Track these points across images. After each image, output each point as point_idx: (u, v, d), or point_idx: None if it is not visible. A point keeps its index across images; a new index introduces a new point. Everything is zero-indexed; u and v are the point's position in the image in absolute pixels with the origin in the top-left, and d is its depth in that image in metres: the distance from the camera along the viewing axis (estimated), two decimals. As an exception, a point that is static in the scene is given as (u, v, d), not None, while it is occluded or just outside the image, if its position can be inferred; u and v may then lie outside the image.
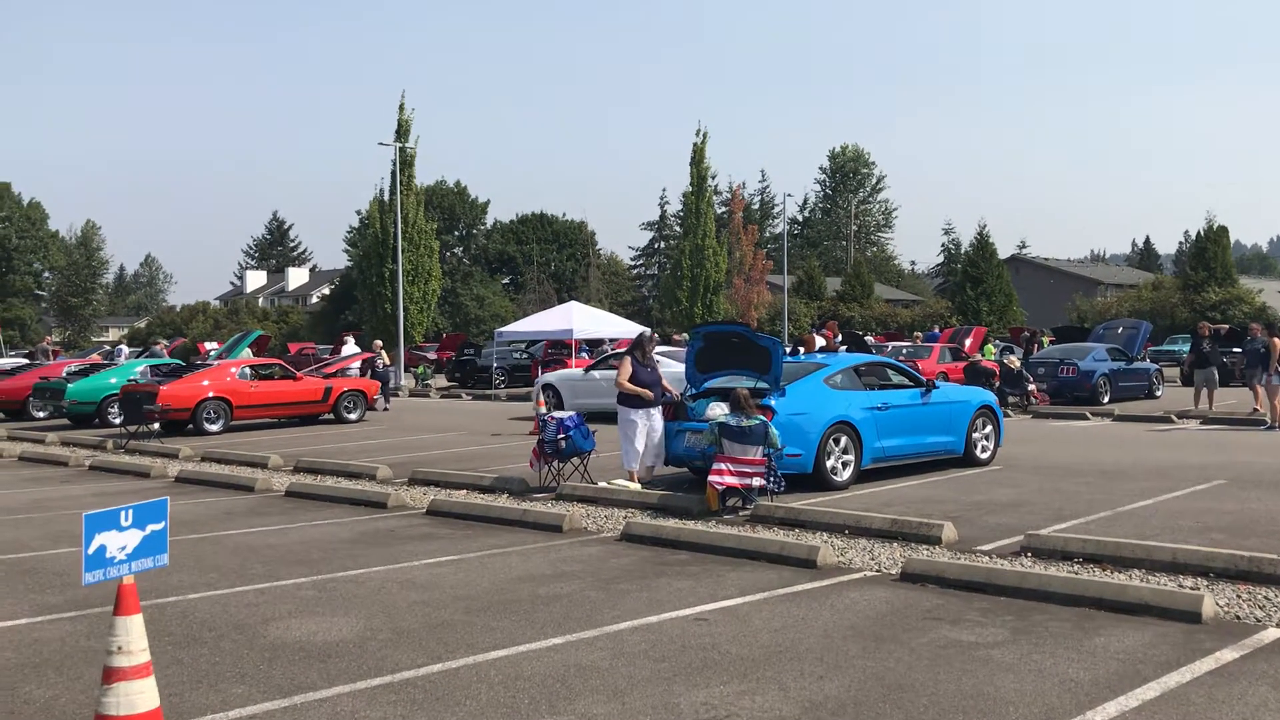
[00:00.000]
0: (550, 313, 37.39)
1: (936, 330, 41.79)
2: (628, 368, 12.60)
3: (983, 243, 61.90)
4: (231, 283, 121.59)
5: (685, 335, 32.31)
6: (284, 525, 11.15)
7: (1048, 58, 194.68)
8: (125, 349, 40.25)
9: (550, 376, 24.94)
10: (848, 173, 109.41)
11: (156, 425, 20.64)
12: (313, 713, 5.40)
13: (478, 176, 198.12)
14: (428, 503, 12.05)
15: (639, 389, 12.50)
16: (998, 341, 39.71)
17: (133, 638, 4.33)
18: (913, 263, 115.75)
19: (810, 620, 6.97)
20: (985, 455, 14.25)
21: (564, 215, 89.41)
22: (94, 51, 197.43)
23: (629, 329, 34.83)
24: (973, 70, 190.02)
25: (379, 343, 31.56)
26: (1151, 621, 6.75)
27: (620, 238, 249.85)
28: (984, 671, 5.85)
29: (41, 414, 25.80)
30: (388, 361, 30.39)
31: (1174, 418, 20.92)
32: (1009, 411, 22.14)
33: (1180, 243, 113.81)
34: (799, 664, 6.04)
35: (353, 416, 23.82)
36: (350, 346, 32.27)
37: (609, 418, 14.59)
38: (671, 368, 22.16)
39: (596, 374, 23.33)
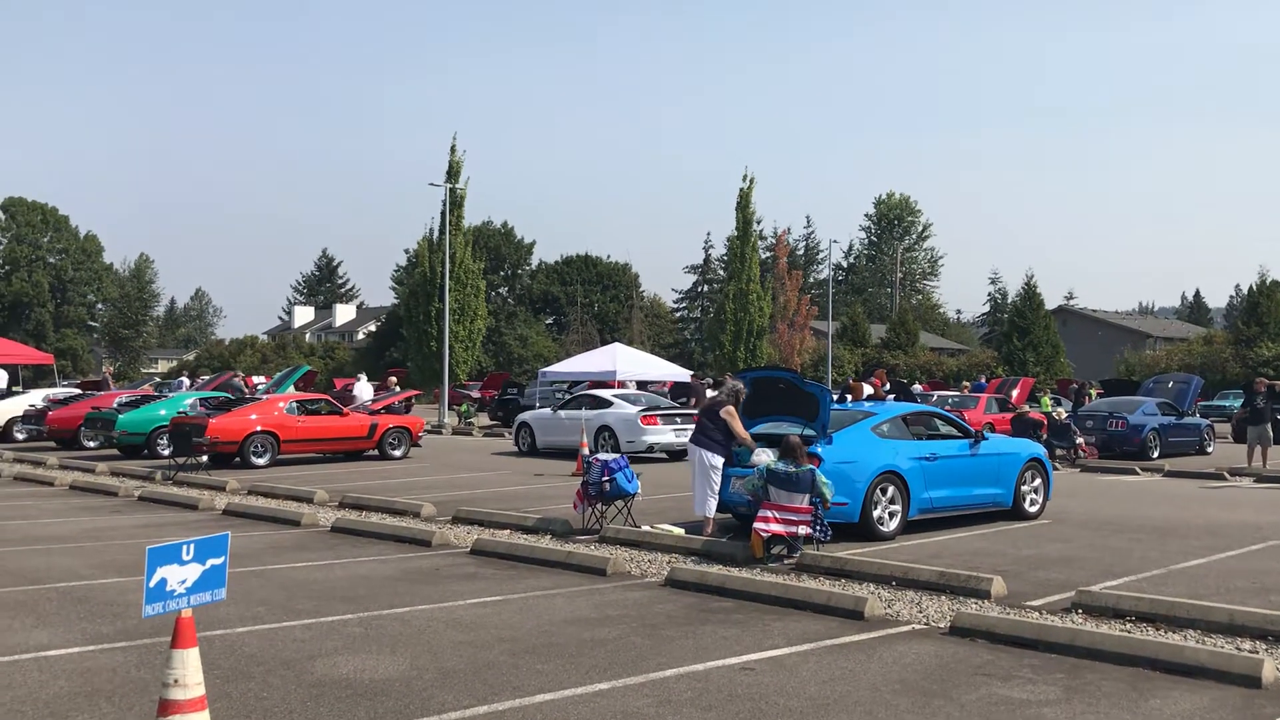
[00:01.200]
0: (594, 354, 37.51)
1: (983, 380, 41.44)
2: (737, 418, 12.43)
3: (1030, 293, 61.46)
4: (279, 318, 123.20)
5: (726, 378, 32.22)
6: (330, 561, 11.21)
7: (1097, 108, 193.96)
8: (186, 380, 40.58)
9: (526, 416, 26.52)
10: (893, 220, 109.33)
11: (204, 458, 20.88)
12: (360, 751, 5.41)
13: (524, 217, 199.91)
14: (472, 542, 12.08)
15: (749, 439, 12.31)
16: (1052, 395, 39.31)
17: (189, 671, 4.37)
18: (958, 311, 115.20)
19: (858, 673, 6.90)
20: (1034, 509, 14.08)
21: (608, 257, 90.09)
22: (151, 89, 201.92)
23: (672, 371, 34.88)
24: (1022, 119, 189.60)
25: (393, 379, 31.85)
26: (1209, 685, 6.61)
27: (664, 280, 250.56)
28: (1037, 731, 5.76)
29: (92, 444, 26.16)
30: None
31: (1226, 475, 20.56)
32: (1057, 464, 21.88)
33: (1231, 296, 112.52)
34: (848, 717, 5.97)
35: (397, 453, 23.96)
36: (363, 385, 32.59)
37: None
38: (624, 409, 23.75)
39: (563, 414, 24.81)
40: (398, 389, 30.47)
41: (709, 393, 27.68)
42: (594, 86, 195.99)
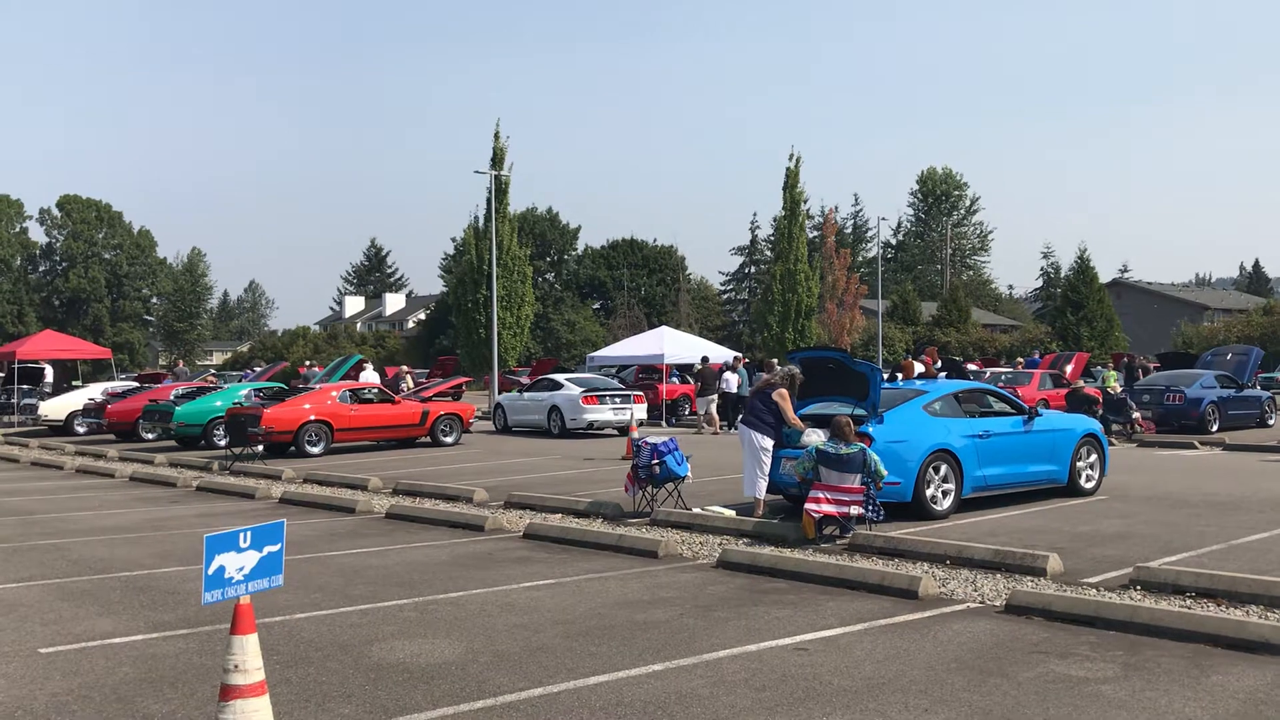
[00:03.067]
0: (642, 337, 37.53)
1: (1037, 356, 40.91)
2: (789, 404, 12.39)
3: (1083, 266, 60.58)
4: (331, 308, 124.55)
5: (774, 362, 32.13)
6: (385, 547, 11.33)
7: (1148, 76, 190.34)
8: (257, 370, 40.69)
9: (501, 398, 30.09)
10: (939, 195, 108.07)
11: (260, 447, 21.17)
12: (418, 734, 5.47)
13: (569, 203, 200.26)
14: (524, 526, 12.16)
15: (799, 422, 12.27)
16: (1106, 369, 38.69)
17: (249, 656, 4.44)
18: (1010, 287, 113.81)
19: (913, 652, 6.86)
20: (1090, 485, 13.90)
21: (654, 240, 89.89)
22: (197, 87, 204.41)
23: (719, 353, 34.78)
24: (1071, 89, 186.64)
25: (405, 366, 32.23)
26: (1272, 660, 6.50)
27: (711, 263, 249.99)
28: (1095, 708, 5.70)
29: (150, 435, 26.63)
30: (411, 386, 30.73)
31: (1288, 447, 20.17)
32: (1113, 440, 21.59)
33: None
34: (903, 696, 5.95)
35: (449, 440, 24.15)
36: (368, 374, 32.85)
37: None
38: (570, 391, 26.89)
39: (527, 396, 28.26)
40: (407, 378, 30.99)
41: (729, 375, 27.76)
42: (637, 69, 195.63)
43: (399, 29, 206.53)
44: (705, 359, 30.30)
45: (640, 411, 26.97)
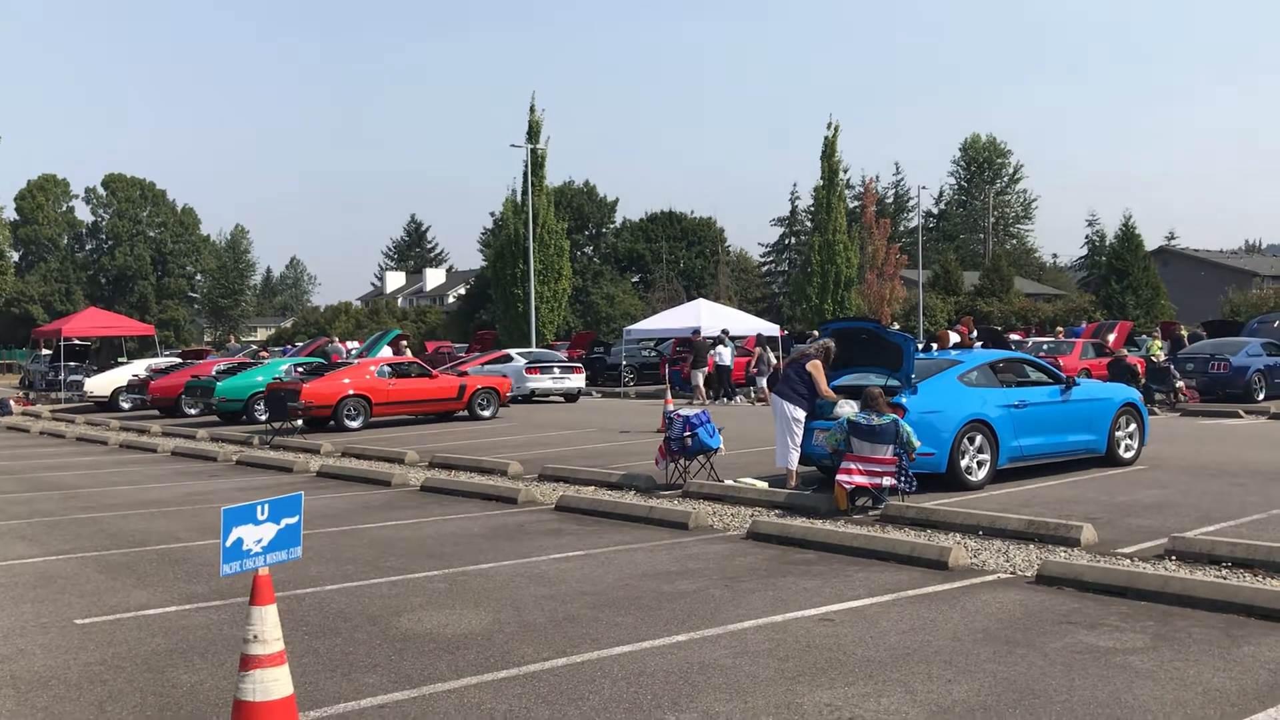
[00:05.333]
0: (678, 310, 37.45)
1: (1081, 326, 40.39)
2: (823, 376, 12.32)
3: (1128, 234, 59.59)
4: (372, 283, 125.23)
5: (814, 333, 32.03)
6: (418, 519, 11.42)
7: (1194, 39, 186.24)
8: (345, 344, 38.59)
9: (470, 369, 30.65)
10: (982, 163, 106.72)
11: (300, 421, 21.39)
12: (441, 703, 5.51)
13: (606, 175, 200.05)
14: (556, 499, 12.20)
15: (831, 394, 12.20)
16: (1148, 338, 38.16)
17: (267, 627, 4.47)
18: (1054, 255, 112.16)
19: (940, 622, 6.81)
20: (1129, 455, 13.73)
21: (692, 213, 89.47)
22: (238, 64, 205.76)
23: (758, 326, 34.67)
24: (1116, 55, 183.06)
25: (404, 341, 32.57)
26: (1307, 631, 6.39)
27: (750, 234, 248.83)
28: (1121, 678, 5.63)
29: (193, 411, 26.99)
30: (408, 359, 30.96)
31: (1336, 416, 19.81)
32: (1155, 409, 21.31)
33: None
34: (927, 667, 5.91)
35: (486, 413, 24.27)
36: (335, 345, 33.24)
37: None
38: (516, 363, 30.17)
39: (488, 367, 30.06)
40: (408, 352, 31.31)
41: (722, 350, 27.99)
42: (675, 41, 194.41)
43: (438, 4, 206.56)
44: (696, 331, 30.47)
45: (579, 381, 30.75)
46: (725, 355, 28.69)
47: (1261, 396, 23.68)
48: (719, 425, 13.24)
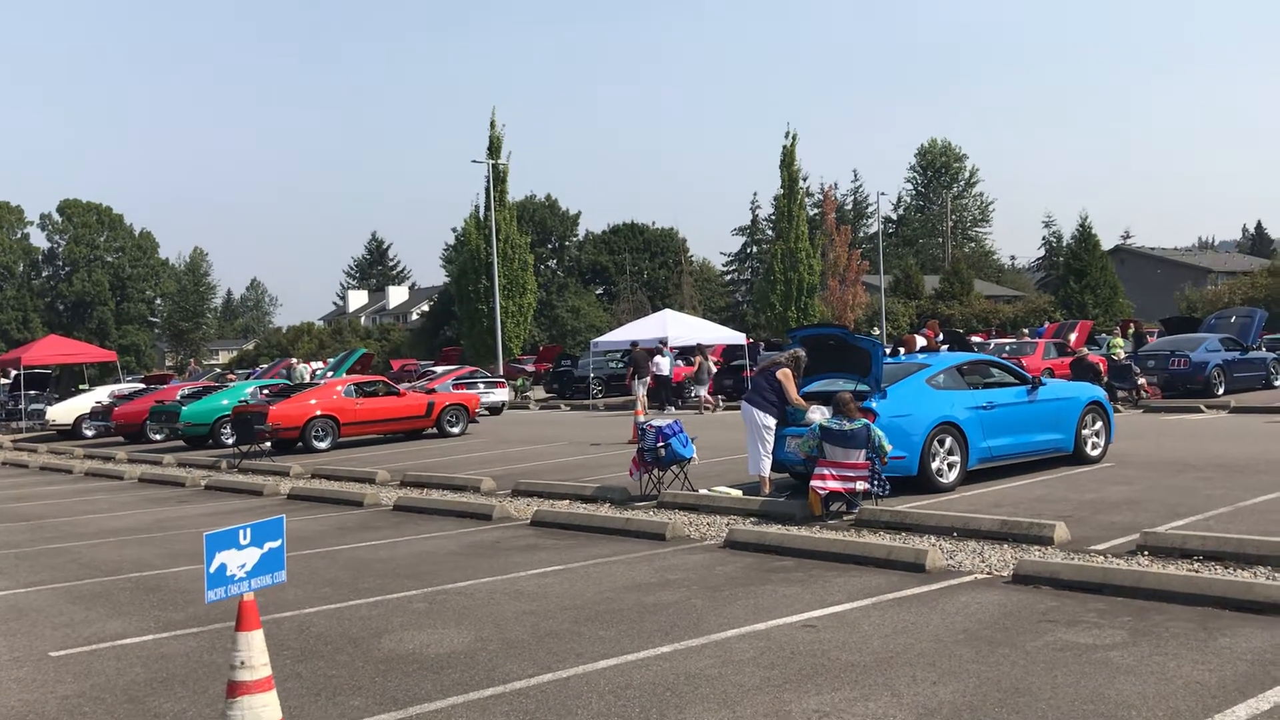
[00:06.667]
0: (644, 321, 37.48)
1: (1043, 327, 40.83)
2: (793, 384, 12.36)
3: (1085, 234, 60.45)
4: (334, 303, 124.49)
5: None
6: (393, 539, 11.36)
7: (1143, 39, 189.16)
8: (301, 365, 37.53)
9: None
10: (939, 168, 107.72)
11: (268, 444, 21.22)
12: (428, 724, 5.49)
13: (568, 189, 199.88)
14: (531, 514, 12.17)
15: (802, 401, 12.25)
16: (1108, 336, 38.59)
17: (254, 653, 4.45)
18: (1013, 257, 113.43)
19: (921, 625, 6.87)
20: (1096, 452, 13.89)
21: (654, 224, 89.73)
22: (194, 86, 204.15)
23: (723, 335, 34.78)
24: (1067, 56, 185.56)
25: (295, 359, 32.71)
26: (1280, 621, 6.50)
27: (712, 244, 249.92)
28: (1103, 674, 5.70)
29: (158, 436, 26.69)
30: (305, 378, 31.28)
31: (1295, 408, 20.12)
32: (1119, 406, 21.56)
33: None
34: (911, 669, 5.96)
35: (455, 430, 24.17)
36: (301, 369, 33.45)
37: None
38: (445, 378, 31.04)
39: (419, 384, 30.62)
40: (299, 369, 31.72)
41: (660, 360, 28.32)
42: (633, 51, 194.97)
43: (392, 18, 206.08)
44: (635, 343, 30.61)
45: (503, 395, 32.44)
46: (664, 365, 29.10)
47: (1221, 391, 24.02)
48: (692, 435, 13.26)
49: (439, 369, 36.35)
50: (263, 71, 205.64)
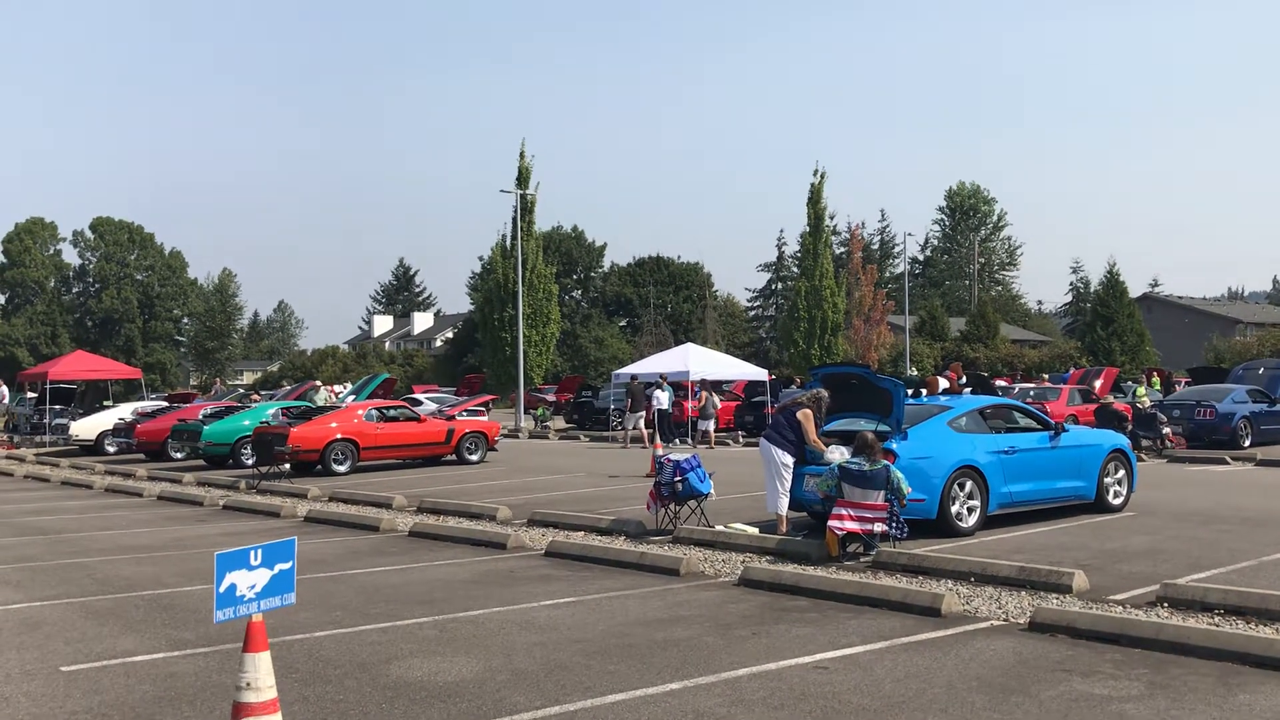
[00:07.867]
0: (667, 354, 37.43)
1: (1067, 373, 40.55)
2: (813, 425, 12.28)
3: (1113, 281, 60.08)
4: (359, 327, 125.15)
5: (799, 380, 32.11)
6: (407, 565, 11.34)
7: (1177, 88, 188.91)
8: (324, 388, 37.32)
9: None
10: (967, 210, 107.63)
11: (287, 466, 21.26)
12: (433, 753, 5.45)
13: (594, 221, 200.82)
14: (546, 544, 12.14)
15: (820, 444, 12.19)
16: (1134, 384, 38.31)
17: (261, 674, 4.43)
18: (1039, 302, 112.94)
19: (935, 670, 6.78)
20: (1118, 501, 13.74)
21: (680, 257, 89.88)
22: (231, 107, 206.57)
23: (745, 371, 34.73)
24: (1100, 103, 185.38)
25: (318, 382, 32.69)
26: (1301, 679, 6.38)
27: (737, 279, 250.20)
28: (1119, 728, 5.61)
29: (179, 455, 26.79)
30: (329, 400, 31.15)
31: (1322, 462, 19.87)
32: (1142, 455, 21.35)
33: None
34: (923, 715, 5.88)
35: (474, 458, 24.17)
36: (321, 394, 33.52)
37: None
38: (427, 406, 32.23)
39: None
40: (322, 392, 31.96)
41: (658, 394, 28.40)
42: (662, 87, 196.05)
43: (426, 49, 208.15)
44: (633, 377, 30.66)
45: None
46: (663, 399, 29.16)
47: (1248, 443, 23.77)
48: (710, 470, 13.21)
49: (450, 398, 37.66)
50: (297, 98, 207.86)
